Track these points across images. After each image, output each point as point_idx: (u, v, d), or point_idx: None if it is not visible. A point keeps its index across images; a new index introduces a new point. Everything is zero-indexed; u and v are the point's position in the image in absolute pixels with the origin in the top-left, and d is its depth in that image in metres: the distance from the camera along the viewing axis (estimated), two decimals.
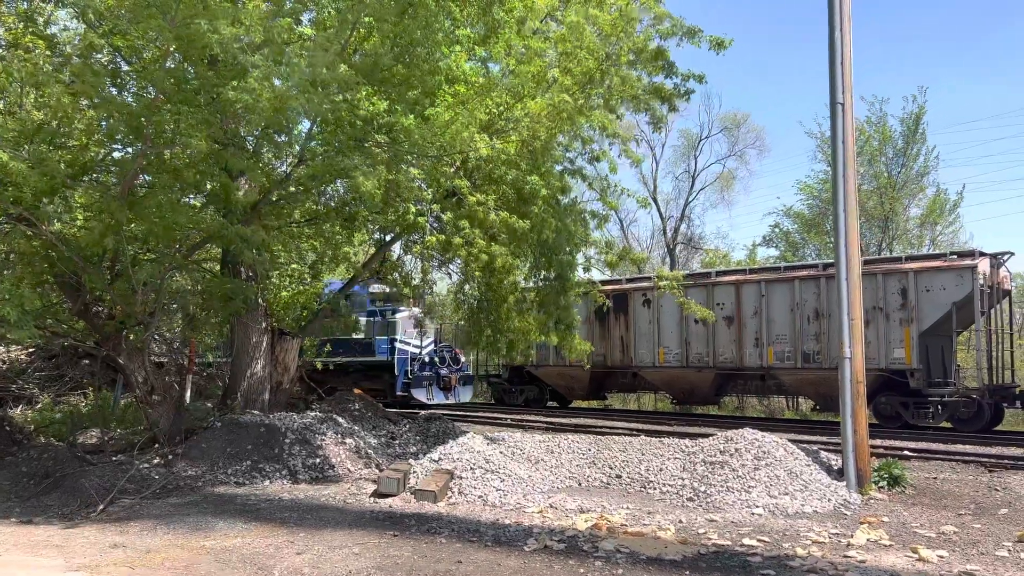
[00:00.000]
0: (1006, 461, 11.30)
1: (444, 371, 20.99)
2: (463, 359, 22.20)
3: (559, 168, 12.33)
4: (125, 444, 10.97)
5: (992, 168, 57.29)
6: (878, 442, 12.39)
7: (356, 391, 17.45)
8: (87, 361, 16.69)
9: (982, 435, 14.95)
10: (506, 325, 12.03)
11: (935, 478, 10.38)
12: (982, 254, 16.20)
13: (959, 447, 12.90)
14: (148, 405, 10.62)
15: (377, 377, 21.17)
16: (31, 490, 8.86)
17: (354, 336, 20.54)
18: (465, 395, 21.75)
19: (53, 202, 8.60)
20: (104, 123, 8.87)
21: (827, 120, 10.41)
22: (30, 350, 15.94)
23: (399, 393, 20.49)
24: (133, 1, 7.48)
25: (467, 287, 12.81)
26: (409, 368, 20.51)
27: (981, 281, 15.76)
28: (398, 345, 20.77)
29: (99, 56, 8.79)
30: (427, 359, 21.00)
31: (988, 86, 66.75)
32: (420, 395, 20.41)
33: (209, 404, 12.90)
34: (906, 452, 12.06)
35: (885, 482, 9.63)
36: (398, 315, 21.39)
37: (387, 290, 20.27)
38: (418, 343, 21.31)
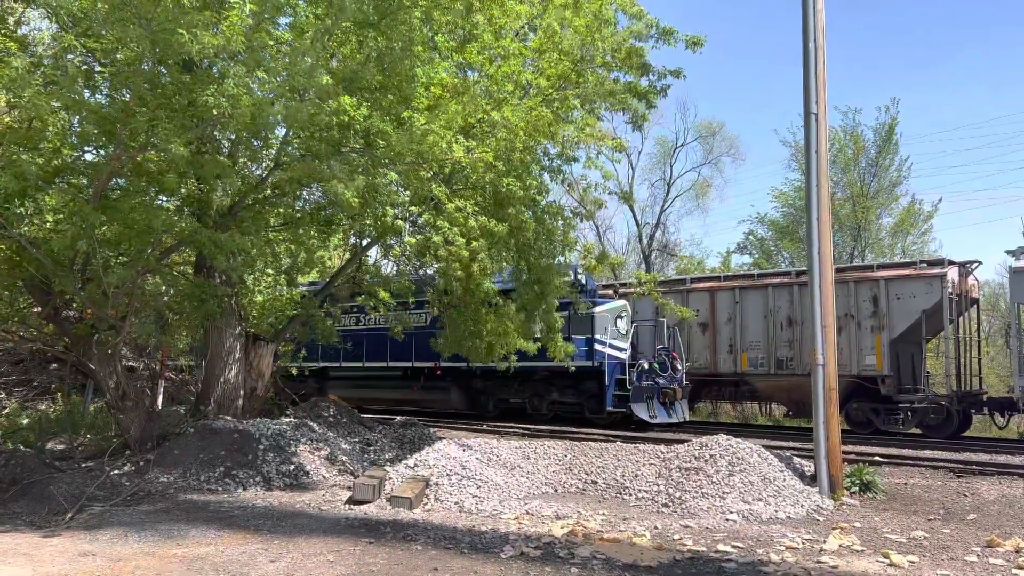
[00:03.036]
0: (974, 467, 11.48)
1: (662, 380, 17.20)
2: (680, 365, 18.04)
3: (538, 171, 12.35)
4: (95, 450, 10.78)
5: (958, 179, 58.35)
6: (850, 448, 12.53)
7: (332, 397, 17.28)
8: (56, 366, 16.41)
9: (951, 441, 15.20)
10: (484, 328, 12.01)
11: (905, 484, 10.52)
12: (951, 263, 16.51)
13: (929, 453, 13.09)
14: (119, 411, 10.46)
15: (570, 387, 17.81)
16: None
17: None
18: (686, 411, 17.88)
19: (24, 205, 8.46)
20: (76, 125, 8.75)
21: (801, 130, 10.57)
22: None
23: (609, 409, 16.79)
24: (109, 4, 7.39)
25: (444, 297, 12.76)
26: (626, 376, 16.96)
27: (950, 289, 16.07)
28: (607, 349, 17.07)
29: (71, 57, 8.66)
30: (646, 365, 17.24)
31: (956, 99, 68.06)
32: (641, 412, 16.66)
33: (182, 410, 12.74)
34: (877, 458, 12.22)
35: (857, 488, 9.75)
36: (599, 308, 17.38)
37: (580, 276, 16.61)
38: (624, 344, 17.62)
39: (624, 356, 17.31)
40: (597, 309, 17.12)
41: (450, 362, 18.54)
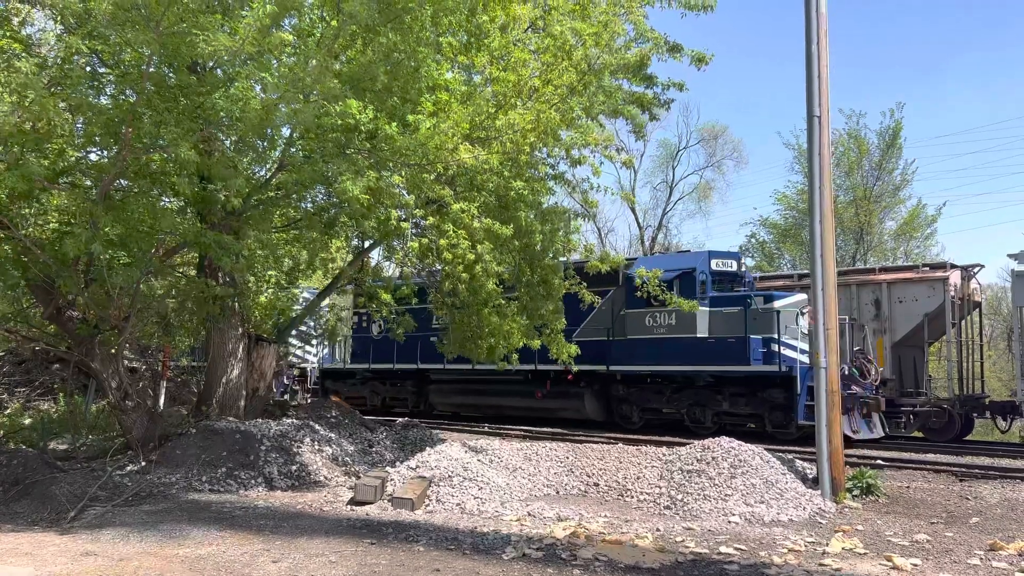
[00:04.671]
0: (976, 471, 11.47)
1: (860, 388, 14.52)
2: (875, 370, 15.19)
3: (541, 175, 12.37)
4: (97, 451, 10.80)
5: (960, 183, 58.32)
6: (852, 451, 12.52)
7: (334, 398, 17.27)
8: (58, 366, 16.47)
9: (953, 444, 15.17)
10: (487, 329, 12.01)
11: (908, 487, 10.51)
12: (953, 266, 16.48)
13: (931, 456, 13.07)
14: (121, 411, 10.47)
15: (743, 396, 15.29)
16: (0, 497, 8.70)
17: (679, 335, 15.56)
18: (884, 423, 15.19)
19: (30, 205, 8.48)
20: (81, 126, 8.77)
21: (804, 132, 10.55)
22: (0, 354, 15.70)
23: (801, 422, 13.93)
24: (115, 6, 7.41)
25: (448, 298, 12.75)
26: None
27: (952, 293, 16.06)
28: (796, 354, 14.47)
29: (77, 58, 8.68)
30: (845, 370, 14.19)
31: (958, 103, 68.03)
32: (844, 426, 13.01)
33: (184, 410, 12.75)
34: (879, 461, 12.21)
35: (859, 491, 9.73)
36: (780, 302, 15.02)
37: (749, 270, 15.26)
38: (805, 345, 14.39)
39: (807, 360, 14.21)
40: (778, 303, 14.94)
41: (585, 364, 16.12)
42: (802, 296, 15.45)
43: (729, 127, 59.20)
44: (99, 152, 9.45)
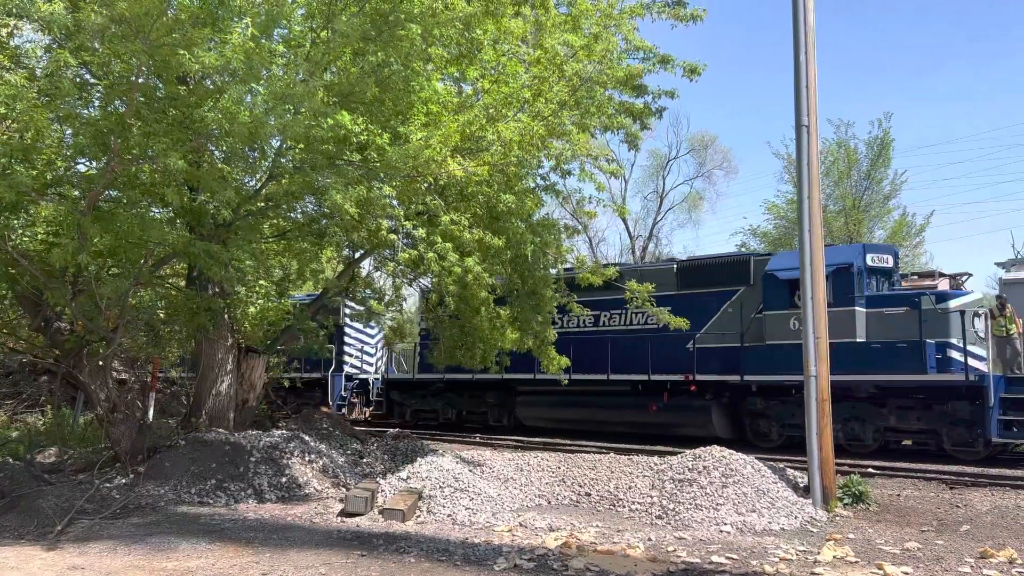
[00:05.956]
0: (966, 478, 11.50)
1: None
2: None
3: (532, 186, 12.41)
4: (85, 463, 10.70)
5: (946, 192, 58.76)
6: (842, 459, 12.52)
7: (324, 409, 17.14)
8: (46, 378, 16.34)
9: (942, 452, 15.17)
10: (478, 336, 12.01)
11: (898, 495, 10.53)
12: (942, 275, 16.49)
13: (921, 464, 13.09)
14: (109, 423, 10.38)
15: (916, 409, 13.56)
16: None
17: (833, 339, 13.07)
18: None
19: (17, 216, 8.43)
20: (69, 137, 8.74)
21: (794, 142, 10.61)
22: None
23: (995, 439, 12.60)
24: (104, 18, 7.40)
25: (439, 308, 12.76)
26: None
27: None
28: (979, 362, 12.87)
29: (66, 70, 8.66)
30: None
31: (942, 112, 68.65)
32: None
33: (173, 422, 12.66)
34: (870, 469, 12.23)
35: (850, 499, 9.75)
36: (955, 301, 13.43)
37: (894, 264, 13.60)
38: (982, 352, 13.00)
39: (992, 368, 12.82)
40: (953, 303, 13.34)
41: (710, 374, 15.02)
42: (977, 295, 14.36)
43: (719, 137, 59.50)
44: (88, 163, 9.42)
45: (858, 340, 13.68)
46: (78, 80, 9.06)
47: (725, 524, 8.43)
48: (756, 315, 15.06)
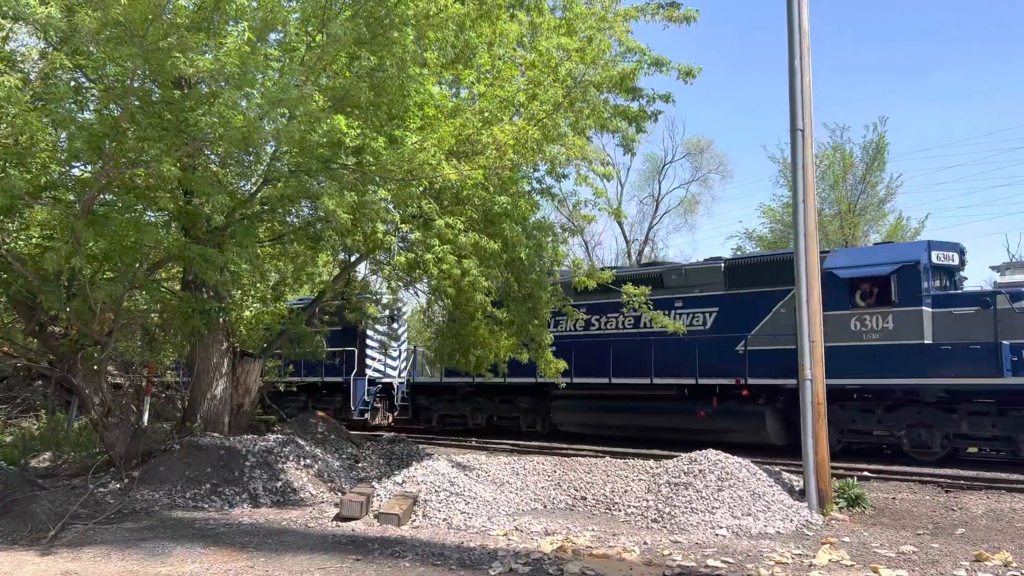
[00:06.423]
0: (962, 482, 11.52)
1: None
2: None
3: (528, 189, 12.42)
4: (79, 468, 10.66)
5: (941, 195, 58.96)
6: (838, 463, 12.53)
7: (320, 413, 17.10)
8: (40, 382, 16.28)
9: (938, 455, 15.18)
10: (474, 341, 12.00)
11: (894, 498, 10.54)
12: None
13: (917, 468, 13.09)
14: (104, 427, 10.35)
15: (992, 416, 12.78)
16: None
17: (898, 340, 13.06)
18: None
19: (12, 220, 8.41)
20: (64, 141, 8.73)
21: (789, 146, 10.64)
22: None
23: None
24: (99, 22, 7.40)
25: (436, 307, 12.76)
26: None
27: None
28: None
29: (60, 74, 8.66)
30: None
31: (939, 115, 68.89)
32: None
33: (167, 426, 12.63)
34: (865, 473, 12.24)
35: (845, 502, 9.75)
36: None
37: None
38: None
39: None
40: None
41: (763, 377, 14.18)
42: None
43: (714, 141, 59.70)
44: (82, 167, 9.40)
45: (925, 342, 13.06)
46: (73, 84, 9.05)
47: (721, 527, 8.43)
48: None
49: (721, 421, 15.27)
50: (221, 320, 11.37)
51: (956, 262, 13.86)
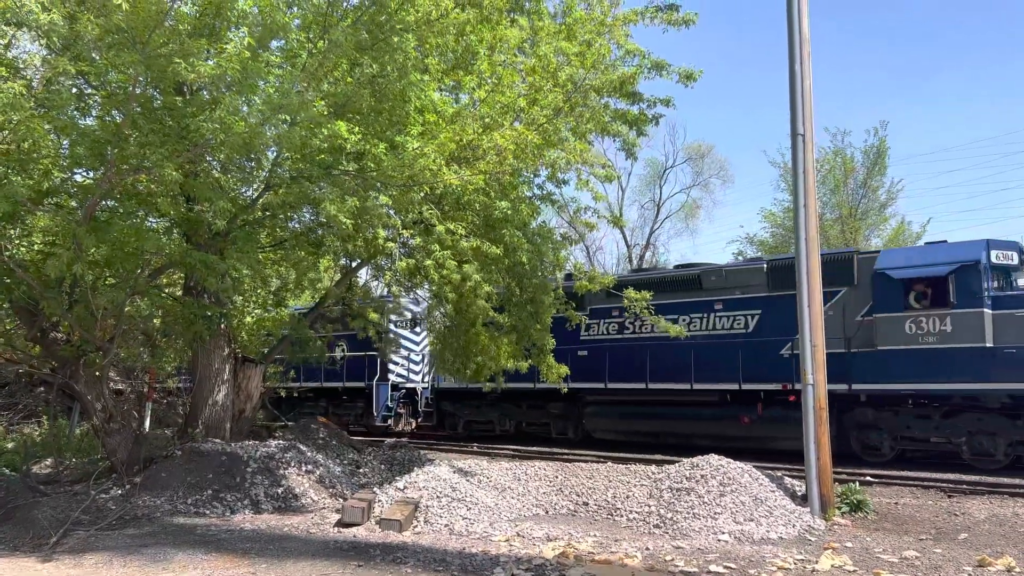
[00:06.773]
0: (964, 486, 11.49)
1: None
2: None
3: (529, 195, 12.43)
4: (81, 474, 10.66)
5: (941, 199, 58.92)
6: (840, 468, 12.51)
7: (321, 419, 17.10)
8: (42, 388, 16.28)
9: (940, 460, 15.15)
10: (474, 348, 11.98)
11: (896, 503, 10.52)
12: None
13: (919, 472, 13.07)
14: (106, 433, 10.35)
15: None
16: None
17: (957, 344, 12.62)
18: None
19: (14, 226, 8.43)
20: (66, 147, 8.75)
21: (790, 151, 10.64)
22: None
23: None
24: (101, 28, 7.42)
25: (438, 312, 12.75)
26: None
27: None
28: None
29: (63, 80, 8.68)
30: None
31: (941, 120, 68.92)
32: None
33: (169, 432, 12.63)
34: (868, 477, 12.22)
35: (848, 507, 9.73)
36: None
37: None
38: None
39: None
40: None
41: None
42: None
43: (715, 145, 59.69)
44: (84, 173, 9.43)
45: (987, 345, 12.54)
46: (75, 90, 9.08)
47: (723, 533, 8.41)
48: (863, 317, 13.87)
49: (767, 428, 14.75)
50: (223, 326, 11.38)
51: (1015, 261, 13.35)
